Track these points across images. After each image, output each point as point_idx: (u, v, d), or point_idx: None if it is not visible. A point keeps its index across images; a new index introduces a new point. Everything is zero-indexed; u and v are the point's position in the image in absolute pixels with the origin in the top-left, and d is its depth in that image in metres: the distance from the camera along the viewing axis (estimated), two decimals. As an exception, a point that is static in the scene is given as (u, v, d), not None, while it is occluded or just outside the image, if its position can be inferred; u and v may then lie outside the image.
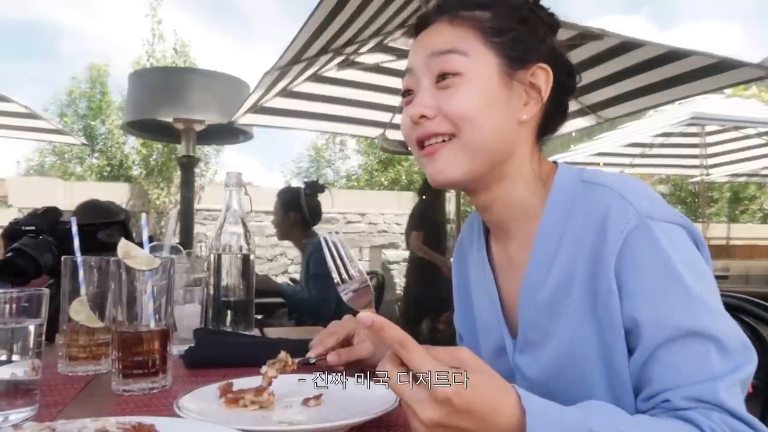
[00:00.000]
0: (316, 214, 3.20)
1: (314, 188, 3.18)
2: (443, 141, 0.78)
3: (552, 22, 0.86)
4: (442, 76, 0.78)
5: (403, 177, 14.24)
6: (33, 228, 1.16)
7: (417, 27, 0.85)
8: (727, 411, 0.62)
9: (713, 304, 0.67)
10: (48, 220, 1.18)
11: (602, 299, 0.70)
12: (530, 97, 0.80)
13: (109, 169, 13.03)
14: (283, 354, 0.80)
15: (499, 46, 0.78)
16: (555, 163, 0.86)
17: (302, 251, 3.18)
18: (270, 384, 0.76)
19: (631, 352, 0.69)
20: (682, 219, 0.72)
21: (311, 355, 0.91)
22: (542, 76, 0.80)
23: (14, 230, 1.17)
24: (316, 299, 2.90)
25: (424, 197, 4.61)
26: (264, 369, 0.77)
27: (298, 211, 3.12)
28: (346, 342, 0.97)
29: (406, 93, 0.83)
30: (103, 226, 1.20)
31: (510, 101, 0.79)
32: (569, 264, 0.74)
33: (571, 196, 0.78)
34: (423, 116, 0.78)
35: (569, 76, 0.86)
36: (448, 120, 0.77)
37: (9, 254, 1.11)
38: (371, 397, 0.75)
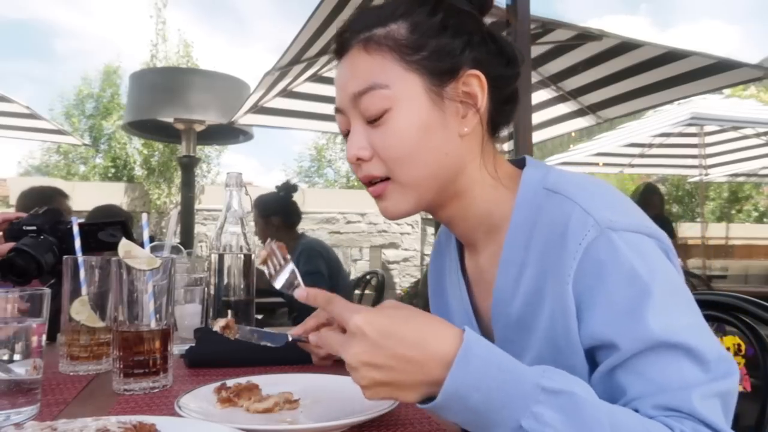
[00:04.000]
0: (295, 214, 3.21)
1: (288, 189, 3.18)
2: (384, 181, 0.75)
3: (480, 2, 0.79)
4: (371, 119, 0.74)
5: None
6: (34, 228, 1.16)
7: (336, 52, 0.80)
8: (701, 421, 0.58)
9: (686, 314, 0.63)
10: (49, 219, 1.18)
11: (561, 318, 0.67)
12: (467, 108, 0.75)
13: (114, 170, 13.04)
14: (224, 321, 0.80)
15: (420, 65, 0.73)
16: (523, 159, 0.81)
17: (291, 253, 3.18)
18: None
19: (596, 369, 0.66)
20: (649, 228, 0.68)
21: (292, 333, 0.91)
22: (475, 83, 0.74)
23: (15, 230, 1.17)
24: None
25: None
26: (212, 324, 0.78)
27: (279, 215, 3.13)
28: (329, 324, 0.94)
29: (345, 134, 0.79)
30: (105, 226, 1.20)
31: (446, 120, 0.74)
32: (538, 277, 0.71)
33: (535, 205, 0.73)
34: (359, 158, 0.75)
35: (508, 65, 0.78)
36: (383, 163, 0.74)
37: (10, 254, 1.12)
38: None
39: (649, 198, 4.73)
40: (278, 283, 0.85)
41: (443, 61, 0.73)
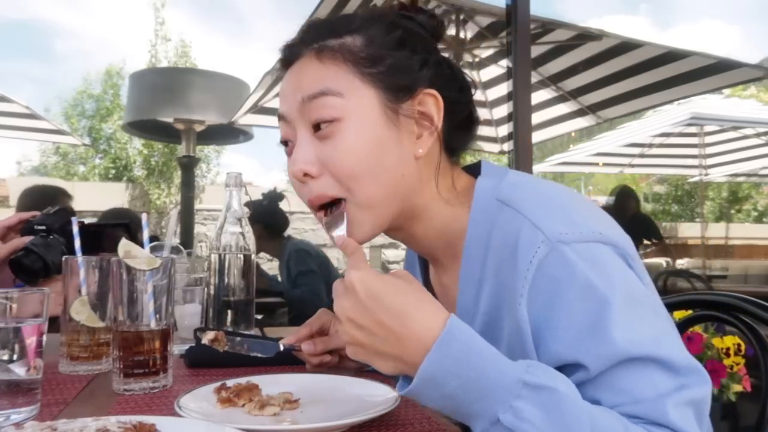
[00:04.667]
0: (282, 221, 3.20)
1: (273, 198, 3.17)
2: (337, 204, 0.71)
3: (433, 27, 0.77)
4: (319, 126, 0.69)
5: None
6: (44, 228, 1.17)
7: (283, 61, 0.76)
8: (673, 429, 0.57)
9: (649, 323, 0.61)
10: (59, 219, 1.19)
11: (516, 338, 0.64)
12: (422, 129, 0.72)
13: (114, 171, 13.04)
14: (213, 334, 0.80)
15: (376, 78, 0.69)
16: (479, 165, 0.79)
17: (279, 257, 3.19)
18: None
19: None
20: (603, 236, 0.64)
21: (284, 342, 0.91)
22: (431, 102, 0.72)
23: (27, 229, 1.18)
24: (308, 294, 2.92)
25: None
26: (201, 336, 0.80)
27: (260, 223, 3.09)
28: (322, 333, 0.96)
29: (285, 143, 0.75)
30: (111, 227, 1.22)
31: (400, 139, 0.70)
32: (495, 295, 0.69)
33: (489, 219, 0.70)
34: (306, 174, 0.70)
35: (461, 91, 0.77)
36: (336, 180, 0.69)
37: (19, 253, 1.13)
38: (371, 397, 0.75)
39: (623, 201, 4.81)
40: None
41: (400, 77, 0.70)
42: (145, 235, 0.95)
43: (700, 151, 6.70)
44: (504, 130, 3.93)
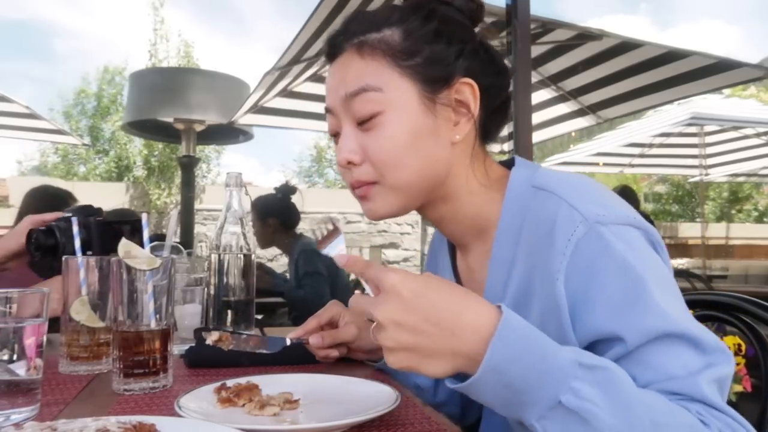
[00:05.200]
0: (294, 216, 3.20)
1: (286, 191, 3.18)
2: (372, 184, 0.76)
3: (471, 11, 0.79)
4: (362, 120, 0.74)
5: None
6: (70, 215, 1.23)
7: (327, 55, 0.80)
8: (710, 404, 0.59)
9: (679, 306, 0.64)
10: (83, 212, 1.25)
11: (552, 314, 0.66)
12: (459, 116, 0.75)
13: (116, 171, 13.05)
14: (217, 334, 0.79)
15: (414, 70, 0.73)
16: (512, 159, 0.81)
17: (289, 254, 3.18)
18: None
19: None
20: (636, 220, 0.68)
21: (291, 336, 0.90)
22: (467, 91, 0.75)
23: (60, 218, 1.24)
24: (311, 296, 2.91)
25: None
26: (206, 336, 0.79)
27: (276, 217, 3.12)
28: (331, 326, 0.96)
29: (334, 135, 0.80)
30: (124, 225, 1.26)
31: (437, 127, 0.74)
32: (527, 274, 0.71)
33: (523, 204, 0.74)
34: (350, 162, 0.75)
35: (499, 75, 0.79)
36: (373, 167, 0.74)
37: (40, 229, 1.22)
38: (371, 397, 0.75)
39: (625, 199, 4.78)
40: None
41: (437, 69, 0.74)
42: (146, 235, 0.95)
43: (700, 151, 6.71)
44: (504, 129, 3.92)
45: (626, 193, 5.05)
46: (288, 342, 0.87)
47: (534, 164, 0.80)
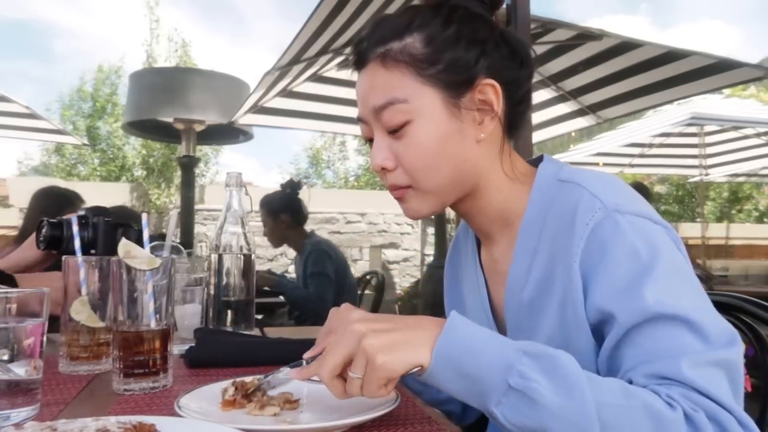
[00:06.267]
0: (304, 212, 3.21)
1: (294, 186, 3.17)
2: (406, 188, 0.80)
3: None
4: (392, 130, 0.77)
5: None
6: (83, 213, 1.26)
7: (354, 64, 0.82)
8: (692, 388, 0.59)
9: (690, 295, 0.65)
10: (93, 212, 1.28)
11: (569, 295, 0.70)
12: (483, 115, 0.78)
13: (116, 170, 13.04)
14: (242, 382, 0.76)
15: (436, 78, 0.75)
16: (540, 157, 0.84)
17: (300, 251, 3.18)
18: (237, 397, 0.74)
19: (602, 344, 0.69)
20: (656, 217, 0.71)
21: (307, 356, 0.89)
22: (490, 92, 0.77)
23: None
24: (314, 297, 2.91)
25: None
26: (226, 389, 0.75)
27: (288, 213, 3.11)
28: None
29: (368, 140, 0.83)
30: (127, 224, 1.28)
31: (463, 129, 0.77)
32: (549, 262, 0.74)
33: (549, 196, 0.78)
34: (383, 168, 0.79)
35: (521, 67, 0.80)
36: (406, 172, 0.78)
37: (50, 220, 1.23)
38: (371, 398, 0.75)
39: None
40: None
41: (458, 74, 0.75)
42: (146, 235, 0.95)
43: (700, 151, 6.70)
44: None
45: (640, 189, 5.03)
46: (305, 363, 0.86)
47: (561, 162, 0.83)
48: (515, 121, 0.83)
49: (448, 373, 0.61)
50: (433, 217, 4.63)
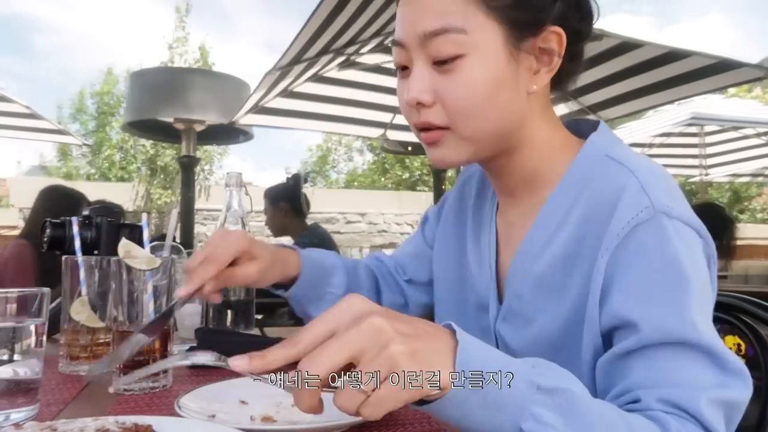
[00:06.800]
0: (304, 202, 3.26)
1: (297, 179, 3.26)
2: (443, 129, 0.70)
3: None
4: (439, 61, 0.67)
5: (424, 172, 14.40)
6: (87, 213, 1.26)
7: None
8: (703, 426, 0.55)
9: (710, 322, 0.61)
10: (98, 212, 1.27)
11: (585, 288, 0.65)
12: (540, 65, 0.70)
13: (120, 171, 13.06)
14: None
15: (502, 12, 0.66)
16: (590, 123, 0.78)
17: (298, 243, 3.19)
18: None
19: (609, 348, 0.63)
20: (701, 228, 0.65)
21: (181, 295, 0.72)
22: (555, 41, 0.69)
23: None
24: None
25: None
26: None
27: (288, 201, 3.18)
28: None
29: (402, 68, 0.73)
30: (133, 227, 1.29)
31: (518, 76, 0.69)
32: (575, 240, 0.68)
33: (593, 170, 0.70)
34: (420, 103, 0.69)
35: (585, 18, 0.73)
36: (446, 112, 0.69)
37: (53, 221, 1.23)
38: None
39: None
40: None
41: (528, 13, 0.67)
42: (146, 235, 0.95)
43: (700, 151, 6.70)
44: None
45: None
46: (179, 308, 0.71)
47: (618, 137, 0.76)
48: (565, 78, 0.75)
49: (469, 398, 0.48)
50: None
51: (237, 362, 0.50)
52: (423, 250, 1.01)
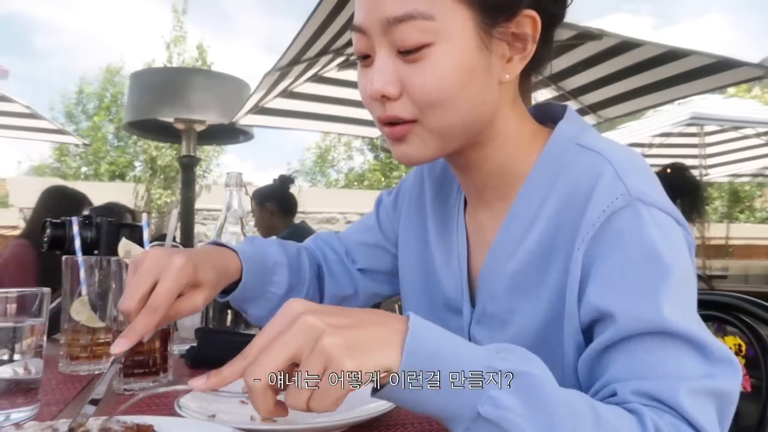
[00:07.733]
0: (291, 203, 3.30)
1: (285, 180, 3.31)
2: (409, 122, 0.65)
3: None
4: (405, 51, 0.62)
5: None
6: (88, 214, 1.26)
7: None
8: (684, 418, 0.52)
9: (693, 311, 0.58)
10: (99, 212, 1.28)
11: (563, 283, 0.62)
12: (514, 52, 0.65)
13: (114, 171, 13.08)
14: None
15: None
16: (555, 110, 0.74)
17: (284, 236, 3.23)
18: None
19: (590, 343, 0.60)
20: (678, 215, 0.62)
21: (116, 353, 0.63)
22: (529, 25, 0.64)
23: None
24: None
25: None
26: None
27: (274, 201, 3.22)
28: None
29: (363, 56, 0.66)
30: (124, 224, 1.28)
31: (490, 64, 0.64)
32: (549, 235, 0.65)
33: (563, 160, 0.67)
34: (384, 96, 0.64)
35: (557, 2, 0.68)
36: (414, 104, 0.63)
37: (53, 221, 1.23)
38: (371, 397, 0.75)
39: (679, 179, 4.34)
40: None
41: None
42: (146, 235, 0.95)
43: (700, 151, 6.70)
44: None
45: (681, 171, 4.65)
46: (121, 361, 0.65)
47: (587, 123, 0.72)
48: (536, 64, 0.70)
49: (418, 382, 0.47)
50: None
51: (196, 383, 0.52)
52: (376, 238, 0.94)
